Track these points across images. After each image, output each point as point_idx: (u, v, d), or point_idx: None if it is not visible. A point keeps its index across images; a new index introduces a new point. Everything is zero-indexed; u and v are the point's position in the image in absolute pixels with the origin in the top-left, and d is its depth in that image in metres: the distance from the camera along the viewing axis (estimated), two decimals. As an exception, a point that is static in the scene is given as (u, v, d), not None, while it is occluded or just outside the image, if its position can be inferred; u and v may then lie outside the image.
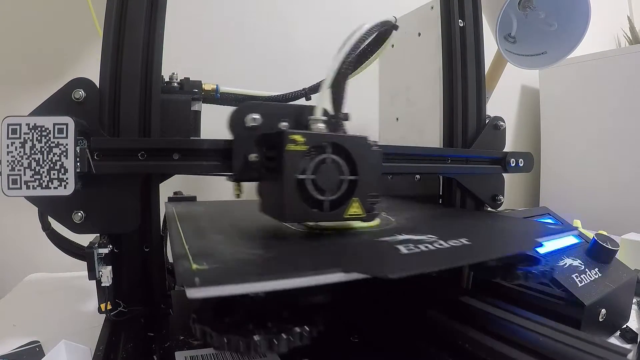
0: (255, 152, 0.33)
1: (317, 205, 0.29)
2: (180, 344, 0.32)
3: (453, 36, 0.51)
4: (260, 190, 0.34)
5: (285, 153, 0.28)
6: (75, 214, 0.34)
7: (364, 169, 0.30)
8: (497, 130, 0.52)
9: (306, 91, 0.51)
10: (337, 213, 0.30)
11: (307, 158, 0.28)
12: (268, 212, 0.32)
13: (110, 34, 0.35)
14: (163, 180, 0.39)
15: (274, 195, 0.30)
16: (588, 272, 0.44)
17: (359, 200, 0.30)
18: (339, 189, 0.29)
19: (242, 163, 0.33)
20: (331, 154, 0.29)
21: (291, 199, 0.28)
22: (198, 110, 0.44)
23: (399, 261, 0.25)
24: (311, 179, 0.28)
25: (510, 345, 0.31)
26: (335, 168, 0.29)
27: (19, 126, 0.30)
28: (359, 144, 0.30)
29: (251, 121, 0.33)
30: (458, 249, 0.28)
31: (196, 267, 0.22)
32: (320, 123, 0.32)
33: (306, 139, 0.28)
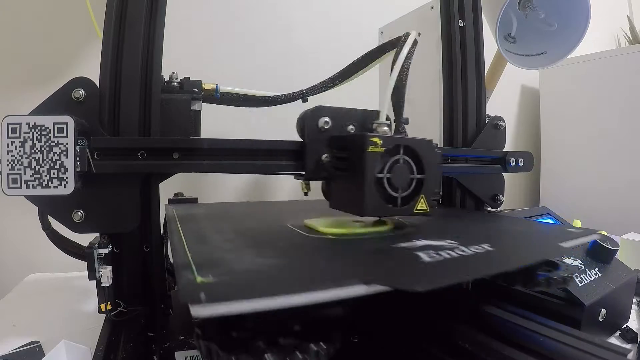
0: (326, 152, 0.36)
1: (391, 201, 0.32)
2: (180, 344, 0.32)
3: (453, 36, 0.51)
4: (330, 188, 0.37)
5: (367, 154, 0.30)
6: (75, 214, 0.34)
7: (429, 169, 0.33)
8: (497, 130, 0.52)
9: (303, 93, 0.51)
10: (407, 208, 0.33)
11: (383, 159, 0.31)
12: (344, 208, 0.34)
13: (110, 33, 0.35)
14: (163, 179, 0.39)
15: (351, 192, 0.33)
16: (588, 272, 0.44)
17: (425, 196, 0.33)
18: (409, 187, 0.33)
19: (314, 163, 0.36)
20: (403, 155, 0.32)
21: (371, 195, 0.31)
22: (198, 109, 0.44)
23: (424, 271, 0.24)
24: (387, 178, 0.31)
25: (510, 345, 0.31)
26: (407, 168, 0.32)
27: (19, 125, 0.30)
28: (425, 146, 0.33)
29: (323, 124, 0.36)
30: (482, 257, 0.26)
31: (201, 280, 0.20)
32: (385, 127, 0.35)
33: (383, 142, 0.31)
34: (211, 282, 0.20)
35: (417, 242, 0.30)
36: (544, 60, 0.67)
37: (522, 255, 0.30)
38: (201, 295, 0.17)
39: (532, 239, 0.36)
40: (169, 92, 0.42)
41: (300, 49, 0.85)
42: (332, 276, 0.22)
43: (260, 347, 0.20)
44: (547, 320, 0.34)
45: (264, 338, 0.21)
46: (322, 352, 0.21)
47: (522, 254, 0.31)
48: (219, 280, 0.20)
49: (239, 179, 0.81)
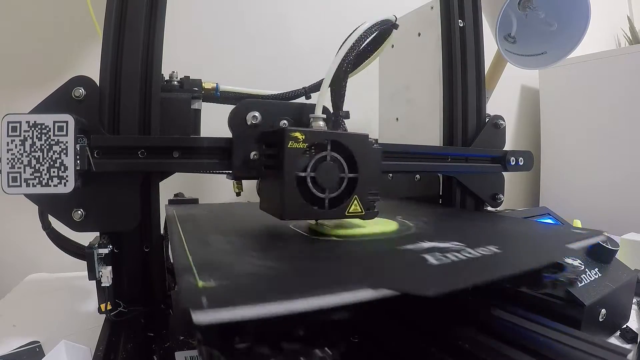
0: (255, 149, 0.33)
1: (317, 202, 0.29)
2: (180, 344, 0.32)
3: (453, 36, 0.51)
4: (260, 188, 0.35)
5: (286, 150, 0.28)
6: (75, 212, 0.34)
7: (364, 167, 0.30)
8: (497, 129, 0.52)
9: (306, 90, 0.51)
10: (337, 211, 0.30)
11: (307, 156, 0.28)
12: (268, 210, 0.32)
13: (110, 32, 0.35)
14: (163, 178, 0.39)
15: (274, 192, 0.30)
16: (588, 272, 0.44)
17: (359, 198, 0.30)
18: (340, 187, 0.29)
19: (241, 161, 0.34)
20: (331, 152, 0.29)
21: (291, 197, 0.28)
22: (198, 108, 0.43)
23: (432, 275, 0.23)
24: (311, 177, 0.28)
25: (510, 345, 0.31)
26: (335, 166, 0.29)
27: (19, 124, 0.30)
28: (359, 141, 0.30)
29: (251, 119, 0.33)
30: (490, 259, 0.26)
31: (203, 285, 0.19)
32: (320, 121, 0.32)
33: (306, 137, 0.28)
34: (213, 286, 0.19)
35: (423, 244, 0.29)
36: (544, 60, 0.67)
37: (530, 257, 0.29)
38: (203, 301, 0.17)
39: (538, 241, 0.35)
40: (169, 91, 0.42)
41: (300, 48, 0.86)
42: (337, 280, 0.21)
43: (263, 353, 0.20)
44: (547, 320, 0.34)
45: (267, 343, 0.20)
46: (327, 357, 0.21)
47: (530, 255, 0.30)
48: (220, 284, 0.19)
49: (239, 179, 0.80)
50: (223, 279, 0.20)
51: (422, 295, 0.19)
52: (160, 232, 0.40)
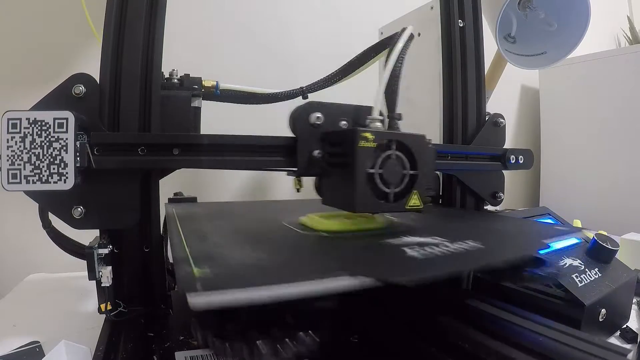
0: (318, 148, 0.35)
1: (383, 197, 0.31)
2: (180, 344, 0.32)
3: (453, 36, 0.51)
4: (322, 185, 0.37)
5: (358, 149, 0.30)
6: (75, 210, 0.34)
7: (422, 165, 0.33)
8: (497, 127, 0.52)
9: (303, 90, 0.51)
10: (399, 204, 0.32)
11: (375, 154, 0.31)
12: (335, 204, 0.34)
13: (110, 30, 0.35)
14: (163, 176, 0.39)
15: (343, 188, 0.32)
16: (588, 272, 0.44)
17: (418, 192, 0.33)
18: (402, 183, 0.32)
19: (306, 159, 0.35)
20: (396, 151, 0.32)
21: (362, 191, 0.30)
22: (198, 106, 0.44)
23: (408, 266, 0.25)
24: (379, 173, 0.31)
25: (510, 345, 0.31)
26: (399, 163, 0.32)
27: (19, 121, 0.30)
28: (418, 141, 0.33)
29: (315, 119, 0.35)
30: (466, 253, 0.27)
31: (198, 272, 0.21)
32: (378, 122, 0.34)
33: (375, 137, 0.31)
34: (208, 273, 0.21)
35: (405, 238, 0.30)
36: (544, 60, 0.67)
37: (504, 251, 0.31)
38: (197, 285, 0.18)
39: (518, 236, 0.37)
40: (169, 88, 0.42)
41: (300, 48, 0.86)
42: (321, 269, 0.23)
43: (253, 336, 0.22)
44: (547, 320, 0.34)
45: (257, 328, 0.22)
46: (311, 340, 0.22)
47: (504, 250, 0.32)
48: (215, 272, 0.21)
49: (238, 179, 0.81)
50: (217, 268, 0.22)
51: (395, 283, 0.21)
52: (160, 232, 0.40)
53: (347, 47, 0.50)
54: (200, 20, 0.78)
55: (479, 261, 0.28)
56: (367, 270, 0.22)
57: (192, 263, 0.22)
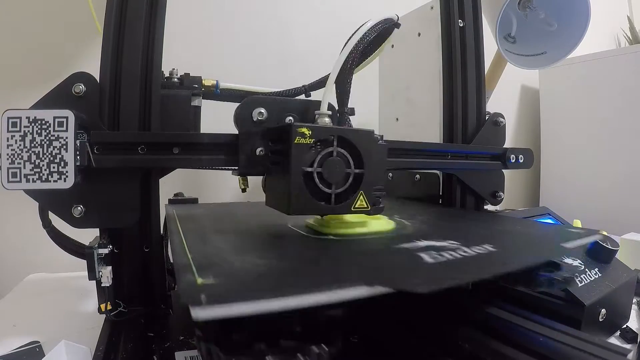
0: (261, 145, 0.34)
1: (323, 198, 0.29)
2: (180, 344, 0.32)
3: (453, 36, 0.51)
4: (266, 184, 0.35)
5: (293, 146, 0.28)
6: (75, 208, 0.34)
7: (370, 163, 0.30)
8: (497, 127, 0.52)
9: (306, 88, 0.51)
10: (343, 206, 0.30)
11: (314, 151, 0.29)
12: (274, 206, 0.32)
13: (110, 28, 0.35)
14: (163, 175, 0.39)
15: (280, 188, 0.30)
16: (588, 272, 0.44)
17: (365, 193, 0.30)
18: (346, 182, 0.30)
19: (247, 157, 0.34)
20: (337, 147, 0.29)
21: (298, 192, 0.28)
22: (198, 105, 0.43)
23: (426, 273, 0.23)
24: (318, 172, 0.29)
25: (510, 345, 0.31)
26: (341, 161, 0.29)
27: (19, 119, 0.30)
28: (364, 137, 0.30)
29: (258, 115, 0.34)
30: (485, 258, 0.26)
31: (202, 282, 0.19)
32: (326, 117, 0.32)
33: (313, 132, 0.28)
34: (212, 283, 0.19)
35: (419, 242, 0.29)
36: (544, 60, 0.67)
37: (524, 255, 0.30)
38: (202, 297, 0.17)
39: (534, 240, 0.36)
40: (169, 88, 0.42)
41: (300, 48, 0.86)
42: (334, 278, 0.22)
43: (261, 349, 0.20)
44: (547, 320, 0.34)
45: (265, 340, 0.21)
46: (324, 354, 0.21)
47: (524, 254, 0.30)
48: (219, 281, 0.20)
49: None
50: (222, 277, 0.21)
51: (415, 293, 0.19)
52: (160, 232, 0.40)
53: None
54: (200, 20, 0.78)
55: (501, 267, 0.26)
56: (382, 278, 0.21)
57: (195, 272, 0.21)
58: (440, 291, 0.20)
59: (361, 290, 0.19)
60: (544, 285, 0.33)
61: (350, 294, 0.19)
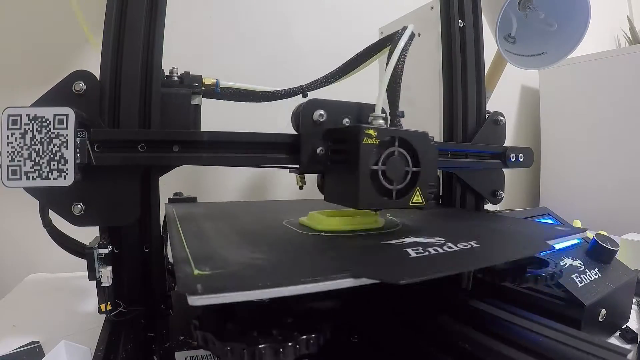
0: (321, 145, 0.36)
1: (386, 193, 0.31)
2: (180, 344, 0.32)
3: (453, 36, 0.51)
4: (325, 181, 0.37)
5: (362, 146, 0.30)
6: (75, 206, 0.34)
7: (425, 162, 0.33)
8: (497, 126, 0.52)
9: (303, 88, 0.51)
10: (402, 201, 0.32)
11: (378, 151, 0.31)
12: (338, 201, 0.34)
13: (111, 27, 0.35)
14: (163, 173, 0.39)
15: (346, 184, 0.33)
16: (588, 272, 0.44)
17: (420, 189, 0.33)
18: (405, 180, 0.32)
19: (308, 156, 0.36)
20: (398, 148, 0.32)
21: (366, 187, 0.31)
22: (198, 104, 0.44)
23: (408, 266, 0.25)
24: (382, 170, 0.31)
25: (510, 346, 0.31)
26: (402, 160, 0.32)
27: (19, 117, 0.30)
28: (421, 138, 0.33)
29: (318, 117, 0.35)
30: (468, 253, 0.27)
31: (198, 273, 0.21)
32: (380, 120, 0.35)
33: (378, 134, 0.31)
34: (208, 274, 0.21)
35: (406, 239, 0.30)
36: (544, 60, 0.66)
37: (506, 251, 0.31)
38: (198, 286, 0.18)
39: (520, 237, 0.37)
40: (169, 86, 0.42)
41: (300, 48, 0.86)
42: (322, 269, 0.23)
43: (254, 337, 0.22)
44: (547, 320, 0.35)
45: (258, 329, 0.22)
46: (312, 341, 0.22)
47: (506, 250, 0.32)
48: (214, 272, 0.21)
49: (237, 179, 0.81)
50: (217, 268, 0.22)
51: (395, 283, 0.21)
52: (160, 231, 0.40)
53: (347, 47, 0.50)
54: (200, 19, 0.78)
55: (480, 261, 0.28)
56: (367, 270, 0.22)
57: (192, 263, 0.22)
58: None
59: (347, 281, 0.21)
60: (530, 282, 0.34)
61: (336, 285, 0.20)
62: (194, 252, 0.25)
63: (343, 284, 0.21)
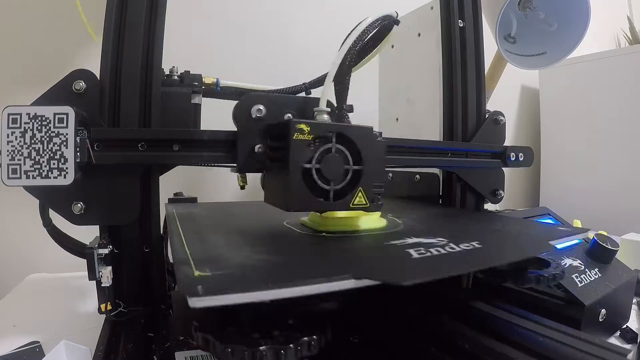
0: (260, 142, 0.33)
1: (322, 194, 0.29)
2: (180, 344, 0.32)
3: (453, 36, 0.51)
4: (265, 181, 0.35)
5: (292, 142, 0.28)
6: (75, 205, 0.34)
7: (369, 159, 0.30)
8: (497, 125, 0.52)
9: (306, 85, 0.51)
10: (342, 203, 0.30)
11: (312, 148, 0.28)
12: (273, 202, 0.32)
13: (111, 26, 0.35)
14: (163, 172, 0.39)
15: (279, 184, 0.30)
16: (588, 272, 0.44)
17: (364, 190, 0.30)
18: (344, 179, 0.30)
19: (246, 154, 0.34)
20: (336, 144, 0.29)
21: (297, 188, 0.28)
22: (198, 103, 0.43)
23: (410, 267, 0.25)
24: (316, 168, 0.28)
25: (510, 346, 0.31)
26: (340, 158, 0.29)
27: (19, 116, 0.30)
28: (363, 134, 0.30)
29: (256, 112, 0.33)
30: (470, 253, 0.27)
31: (198, 274, 0.21)
32: (324, 114, 0.32)
33: (311, 129, 0.28)
34: (208, 275, 0.21)
35: (408, 239, 0.30)
36: (544, 60, 0.67)
37: (508, 252, 0.31)
38: (198, 288, 0.18)
39: (522, 237, 0.37)
40: (169, 85, 0.42)
41: (300, 48, 0.86)
42: (323, 271, 0.23)
43: (254, 339, 0.21)
44: (547, 320, 0.35)
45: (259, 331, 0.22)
46: (314, 343, 0.22)
47: (509, 251, 0.31)
48: (215, 273, 0.21)
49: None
50: (217, 270, 0.22)
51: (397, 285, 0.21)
52: (160, 231, 0.40)
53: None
54: (201, 18, 0.78)
55: (483, 262, 0.27)
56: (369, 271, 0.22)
57: (192, 265, 0.22)
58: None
59: (349, 283, 0.20)
60: (532, 282, 0.34)
61: (338, 286, 0.20)
62: (194, 253, 0.25)
63: (345, 285, 0.20)
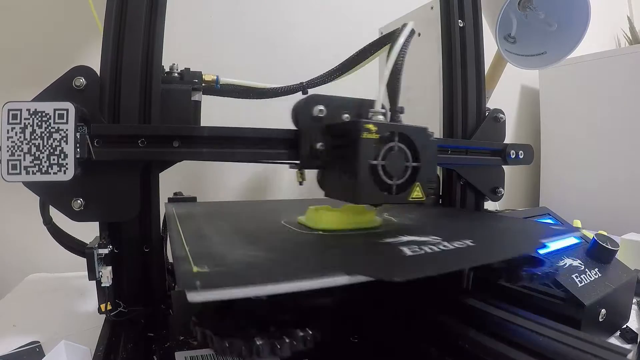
0: (321, 140, 0.35)
1: (385, 188, 0.31)
2: (180, 344, 0.32)
3: (453, 36, 0.51)
4: (324, 177, 0.37)
5: (361, 140, 0.30)
6: (74, 202, 0.34)
7: (425, 157, 0.33)
8: (497, 123, 0.52)
9: (303, 85, 0.51)
10: (402, 196, 0.32)
11: (377, 146, 0.31)
12: (338, 197, 0.34)
13: (111, 22, 0.35)
14: (163, 169, 0.39)
15: (345, 180, 0.32)
16: (588, 272, 0.44)
17: (420, 184, 0.33)
18: (404, 175, 0.32)
19: (308, 151, 0.36)
20: (398, 143, 0.32)
21: (365, 183, 0.30)
22: (198, 100, 0.44)
23: (403, 264, 0.25)
24: (381, 165, 0.31)
25: (510, 346, 0.31)
26: (401, 155, 0.32)
27: (19, 111, 0.30)
28: (420, 133, 0.33)
29: (318, 112, 0.35)
30: (463, 251, 0.28)
31: (197, 270, 0.21)
32: (380, 115, 0.34)
33: (377, 128, 0.31)
34: (206, 271, 0.21)
35: (403, 237, 0.31)
36: (544, 60, 0.66)
37: (500, 250, 0.32)
38: (197, 283, 0.19)
39: (516, 236, 0.37)
40: (169, 82, 0.42)
41: (300, 48, 0.86)
42: (318, 267, 0.23)
43: (251, 333, 0.22)
44: (547, 320, 0.34)
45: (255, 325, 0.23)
46: (308, 337, 0.22)
47: (501, 249, 0.32)
48: (213, 270, 0.22)
49: (237, 179, 0.81)
50: (215, 266, 0.22)
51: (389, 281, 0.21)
52: (160, 230, 0.40)
53: (347, 46, 0.51)
54: (201, 16, 0.78)
55: (475, 260, 0.28)
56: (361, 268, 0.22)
57: (191, 261, 0.23)
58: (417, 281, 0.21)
59: (342, 279, 0.21)
60: (525, 280, 0.34)
61: (331, 282, 0.21)
62: (193, 250, 0.25)
63: (338, 281, 0.21)
